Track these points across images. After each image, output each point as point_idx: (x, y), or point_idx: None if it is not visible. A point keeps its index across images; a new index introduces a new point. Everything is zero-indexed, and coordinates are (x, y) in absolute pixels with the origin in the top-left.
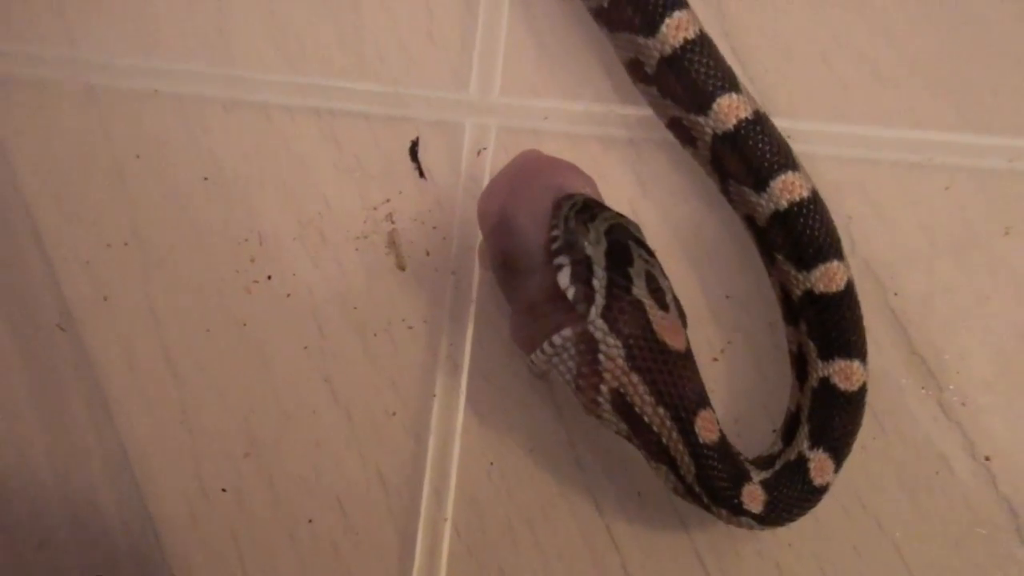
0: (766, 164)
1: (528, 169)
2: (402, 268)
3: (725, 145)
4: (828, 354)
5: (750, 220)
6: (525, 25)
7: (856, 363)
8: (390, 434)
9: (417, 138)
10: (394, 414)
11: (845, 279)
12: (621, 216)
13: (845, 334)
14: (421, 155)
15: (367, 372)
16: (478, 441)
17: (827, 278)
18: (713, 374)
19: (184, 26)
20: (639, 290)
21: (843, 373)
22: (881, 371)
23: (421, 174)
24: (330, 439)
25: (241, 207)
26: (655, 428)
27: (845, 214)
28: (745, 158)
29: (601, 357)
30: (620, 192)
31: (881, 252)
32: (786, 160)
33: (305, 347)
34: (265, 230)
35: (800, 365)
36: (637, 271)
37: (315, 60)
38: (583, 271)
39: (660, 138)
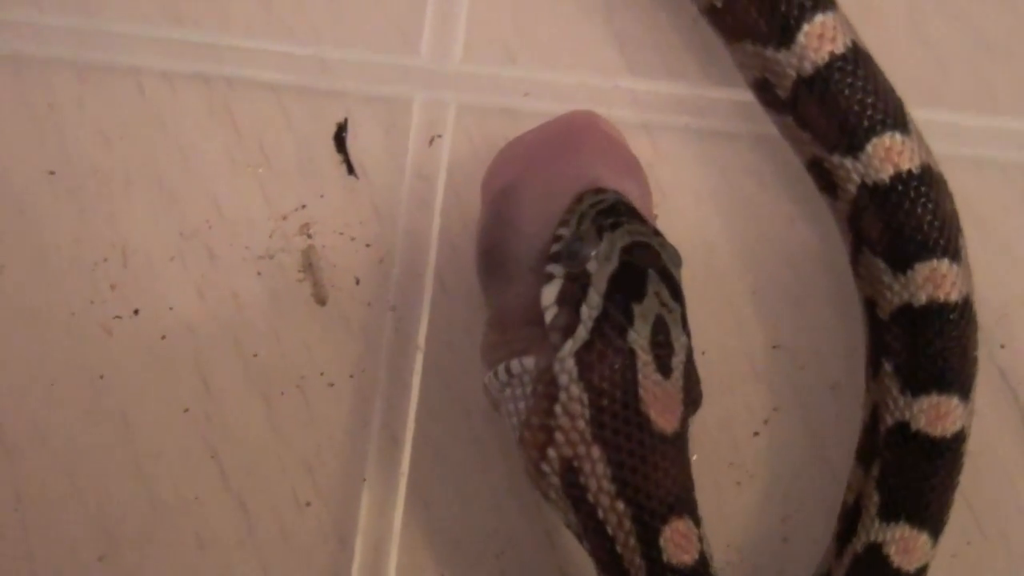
0: (919, 239)
1: (567, 140)
2: (322, 301)
3: (873, 202)
4: (893, 514)
5: (871, 307)
6: None
7: (925, 536)
8: (302, 533)
9: (346, 120)
10: (308, 505)
11: (959, 426)
12: (656, 236)
13: (926, 497)
14: (351, 144)
15: (271, 446)
16: (424, 544)
17: (935, 416)
18: (753, 453)
19: None
20: (637, 337)
21: (904, 544)
22: (983, 451)
23: (350, 170)
24: (218, 538)
25: (98, 213)
26: (609, 529)
27: None
28: (893, 225)
29: (558, 409)
30: None
31: (986, 287)
32: (947, 243)
33: (185, 410)
34: (131, 246)
35: (848, 521)
36: (645, 312)
37: (204, 8)
38: (575, 291)
39: (684, 125)
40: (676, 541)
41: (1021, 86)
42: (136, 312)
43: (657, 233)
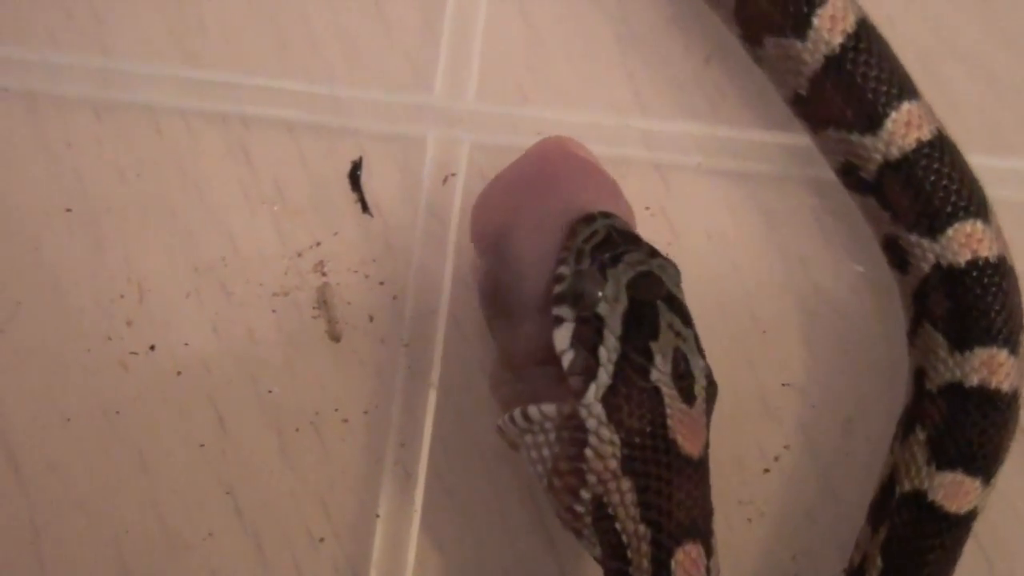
0: (983, 325)
1: (546, 173)
2: (336, 338)
3: (944, 283)
4: None
5: (920, 377)
6: (512, 1)
7: None
8: (316, 569)
9: (360, 158)
10: (321, 540)
11: (973, 505)
12: (655, 256)
13: (929, 568)
14: (365, 182)
15: (285, 482)
16: None
17: (954, 493)
18: (763, 491)
19: (43, 2)
20: (660, 374)
21: None
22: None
23: (364, 208)
24: (232, 574)
25: (116, 250)
26: (629, 552)
27: None
28: (960, 308)
29: (589, 453)
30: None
31: None
32: (1009, 335)
33: (201, 445)
34: (147, 282)
35: None
36: (663, 347)
37: (219, 48)
38: (590, 334)
39: (696, 164)
40: (686, 567)
41: None
42: (152, 348)
43: (654, 253)
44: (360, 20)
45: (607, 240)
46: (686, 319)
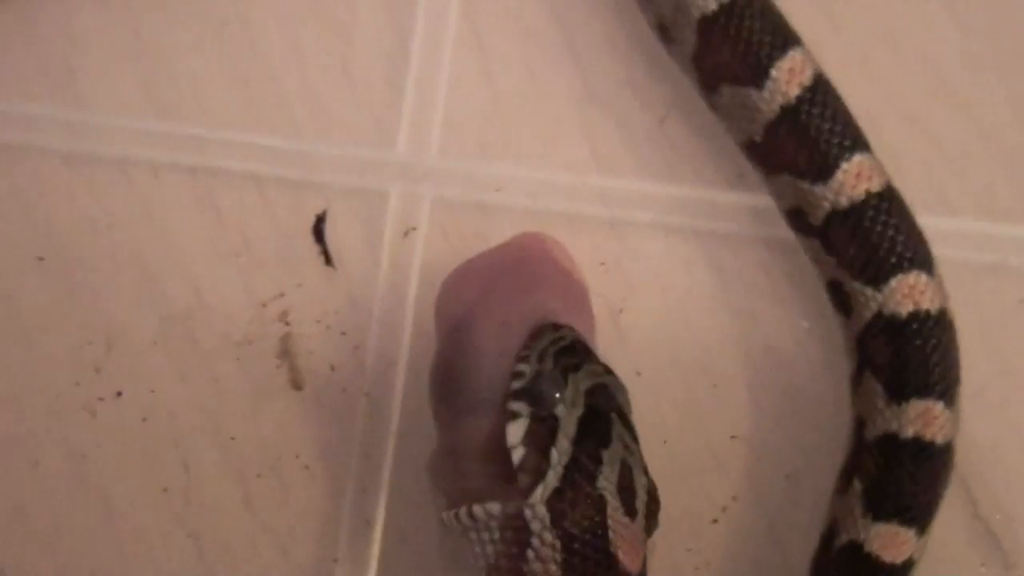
0: (920, 377)
1: (521, 270)
2: (298, 387)
3: (885, 332)
4: None
5: (860, 427)
6: (474, 60)
7: None
8: None
9: (324, 211)
10: None
11: (908, 555)
12: (609, 374)
13: None
14: (328, 235)
15: (247, 526)
16: None
17: (888, 542)
18: (712, 540)
19: (17, 55)
20: (606, 483)
21: None
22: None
23: (328, 260)
24: None
25: (85, 298)
26: None
27: None
28: (899, 358)
29: (530, 555)
30: (594, 292)
31: None
32: (945, 388)
33: (164, 489)
34: (116, 330)
35: None
36: (611, 458)
37: (189, 102)
38: (544, 433)
39: (651, 220)
40: None
41: (975, 188)
42: (119, 394)
43: (609, 371)
44: (326, 77)
45: (571, 348)
46: (634, 437)
